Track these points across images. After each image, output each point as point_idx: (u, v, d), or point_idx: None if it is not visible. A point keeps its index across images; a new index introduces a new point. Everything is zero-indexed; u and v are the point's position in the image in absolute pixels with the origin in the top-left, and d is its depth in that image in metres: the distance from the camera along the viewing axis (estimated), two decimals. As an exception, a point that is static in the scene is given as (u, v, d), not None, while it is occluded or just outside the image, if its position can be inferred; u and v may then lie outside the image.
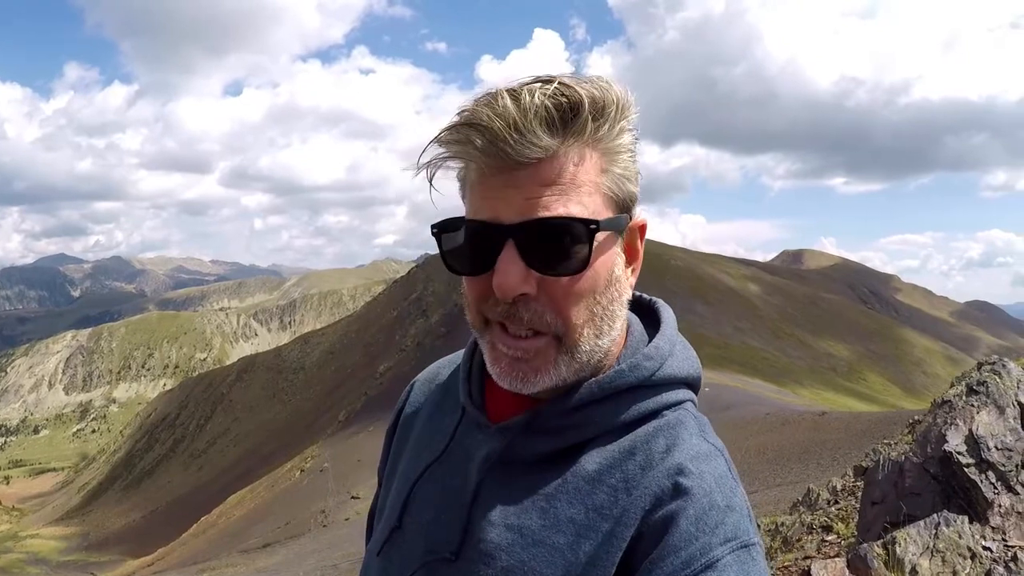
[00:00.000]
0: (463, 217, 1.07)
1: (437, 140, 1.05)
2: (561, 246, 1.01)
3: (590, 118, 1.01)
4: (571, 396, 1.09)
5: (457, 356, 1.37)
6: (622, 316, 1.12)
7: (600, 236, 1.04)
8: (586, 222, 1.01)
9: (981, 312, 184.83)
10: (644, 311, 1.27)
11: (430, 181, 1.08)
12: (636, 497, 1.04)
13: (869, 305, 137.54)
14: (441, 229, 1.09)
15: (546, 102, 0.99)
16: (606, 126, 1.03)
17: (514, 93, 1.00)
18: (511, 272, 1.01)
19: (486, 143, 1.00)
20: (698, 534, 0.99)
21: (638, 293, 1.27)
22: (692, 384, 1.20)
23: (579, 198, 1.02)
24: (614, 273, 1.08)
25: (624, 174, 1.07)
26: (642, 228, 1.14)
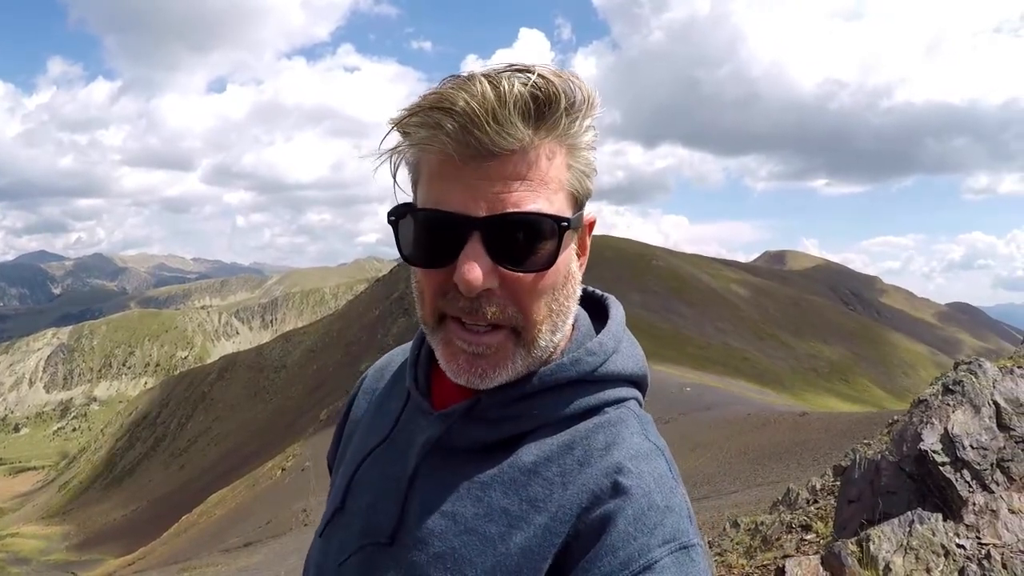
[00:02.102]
0: (428, 208, 1.02)
1: (402, 125, 1.01)
2: (530, 243, 0.99)
3: (564, 113, 0.99)
4: (512, 387, 1.08)
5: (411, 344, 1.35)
6: (574, 311, 1.12)
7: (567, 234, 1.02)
8: (557, 220, 1.00)
9: (963, 314, 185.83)
10: (593, 306, 1.26)
11: (394, 174, 1.07)
12: (572, 493, 1.03)
13: (851, 307, 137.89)
14: (399, 216, 1.06)
15: (525, 92, 0.96)
16: (576, 122, 1.01)
17: (492, 79, 0.96)
18: (477, 267, 0.98)
19: (458, 129, 0.96)
20: (636, 534, 0.97)
21: (590, 288, 1.25)
22: (637, 382, 1.18)
23: (548, 194, 1.00)
24: (571, 269, 1.08)
25: (585, 171, 1.05)
26: (591, 224, 1.13)
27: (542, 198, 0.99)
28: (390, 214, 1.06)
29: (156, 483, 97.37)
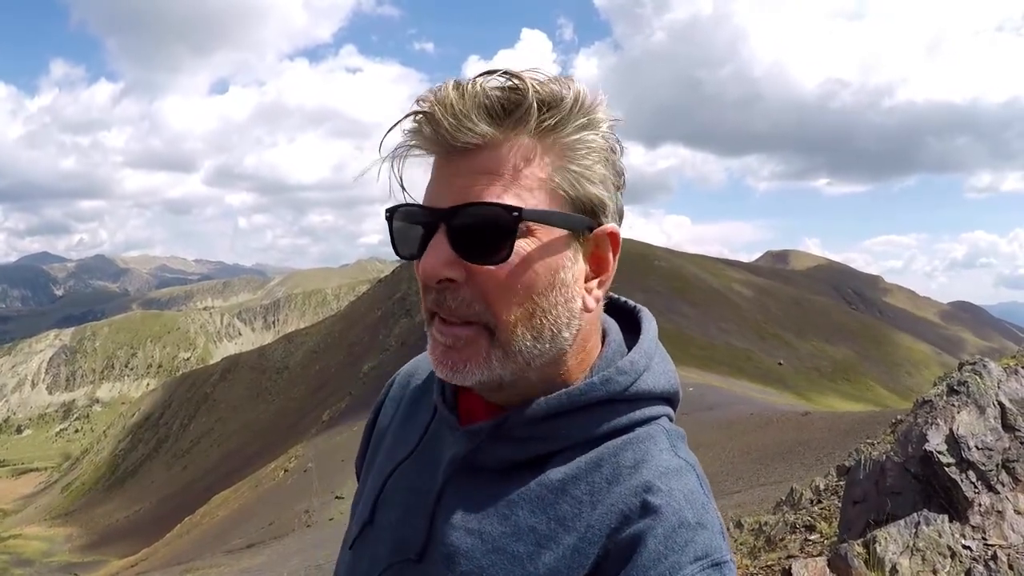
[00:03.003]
0: (405, 203, 1.06)
1: (402, 129, 1.04)
2: (484, 233, 0.99)
3: (536, 109, 0.98)
4: (539, 405, 1.06)
5: None
6: (578, 325, 1.07)
7: (537, 229, 1.00)
8: (509, 209, 0.98)
9: (965, 313, 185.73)
10: (626, 318, 1.23)
11: (400, 180, 1.07)
12: (601, 513, 1.01)
13: (853, 306, 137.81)
14: (392, 213, 1.07)
15: (487, 89, 0.98)
16: (560, 121, 1.00)
17: (458, 81, 1.00)
18: (433, 255, 1.00)
19: (430, 129, 1.00)
20: (667, 553, 0.95)
21: (621, 299, 1.25)
22: (669, 399, 1.16)
23: (518, 191, 0.99)
24: (559, 276, 1.03)
25: (583, 174, 1.03)
26: (612, 236, 1.07)
27: (510, 193, 0.99)
28: (386, 211, 1.08)
29: (159, 484, 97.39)
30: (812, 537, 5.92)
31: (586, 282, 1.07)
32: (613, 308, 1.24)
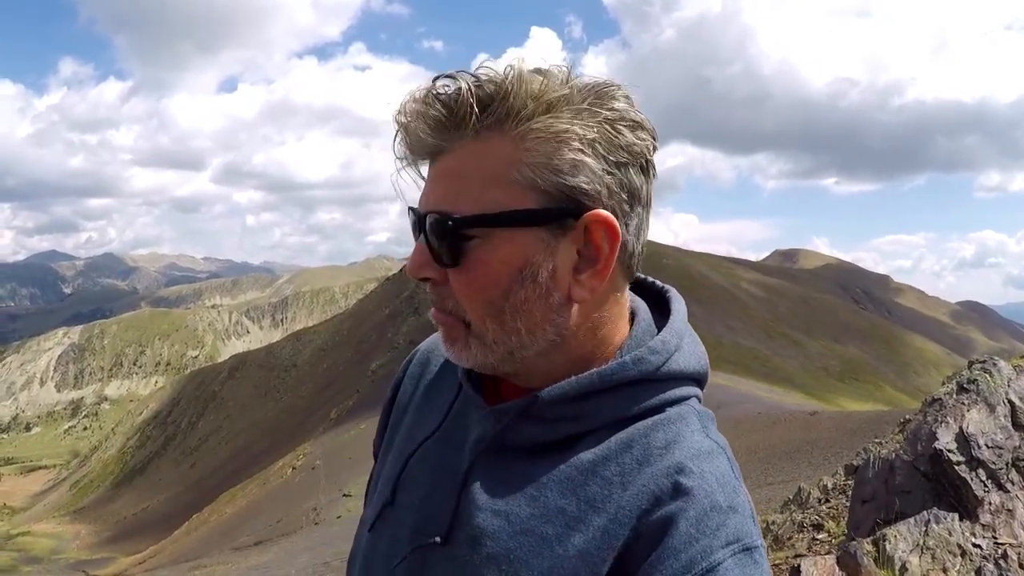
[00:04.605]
0: (410, 206, 1.08)
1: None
2: (437, 238, 1.00)
3: (475, 108, 0.97)
4: (569, 385, 1.03)
5: None
6: (565, 317, 1.04)
7: (493, 232, 1.00)
8: (445, 216, 0.99)
9: (974, 312, 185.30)
10: (654, 298, 1.21)
11: (395, 184, 1.09)
12: (632, 494, 0.99)
13: (861, 305, 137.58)
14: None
15: (433, 96, 0.99)
16: (508, 114, 0.98)
17: (415, 90, 1.01)
18: (415, 255, 1.03)
19: (402, 138, 1.03)
20: (699, 536, 0.94)
21: (649, 279, 1.23)
22: (699, 379, 1.15)
23: (477, 193, 0.99)
24: (527, 273, 1.01)
25: (548, 164, 0.98)
26: (603, 223, 1.00)
27: (466, 193, 0.99)
28: (409, 209, 1.09)
29: (167, 482, 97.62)
30: (820, 536, 5.91)
31: (578, 273, 1.03)
32: (641, 288, 1.21)
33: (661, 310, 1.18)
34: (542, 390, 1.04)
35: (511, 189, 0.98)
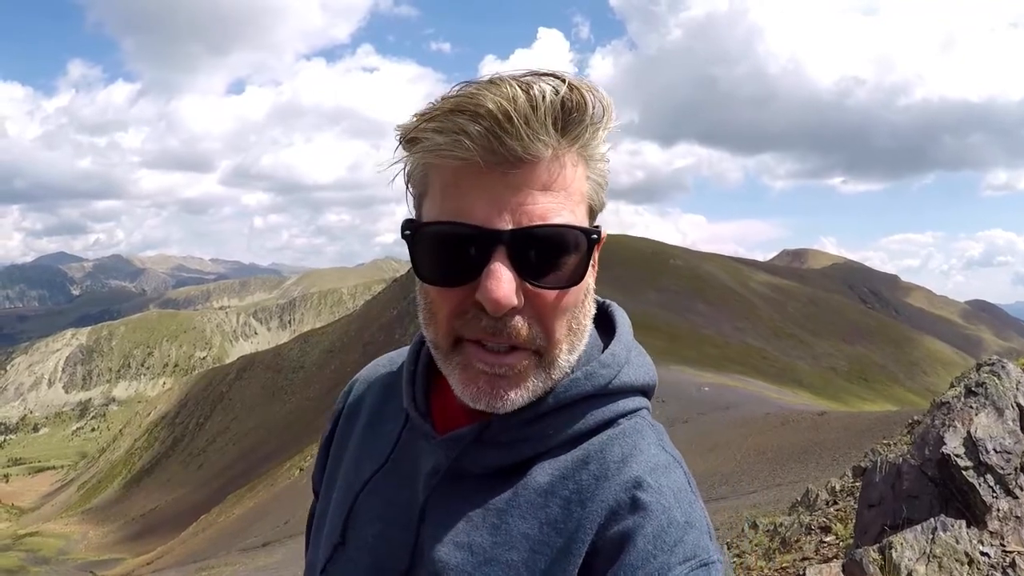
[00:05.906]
0: (447, 220, 0.94)
1: (418, 131, 0.95)
2: (557, 258, 0.94)
3: (589, 122, 0.94)
4: (526, 408, 1.00)
5: (398, 355, 1.28)
6: (589, 329, 1.05)
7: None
8: (587, 232, 0.95)
9: (983, 312, 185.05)
10: (598, 313, 1.15)
11: (407, 182, 1.03)
12: (590, 510, 0.98)
13: (869, 305, 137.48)
14: (415, 231, 0.98)
15: (557, 99, 0.91)
16: (597, 132, 0.96)
17: (521, 82, 0.91)
18: (505, 284, 0.91)
19: (485, 133, 0.89)
20: (656, 552, 0.93)
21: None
22: (647, 392, 1.13)
23: (572, 206, 0.95)
24: (590, 285, 1.02)
25: (602, 183, 1.01)
26: (602, 240, 1.02)
27: (567, 210, 0.94)
28: (404, 228, 0.99)
29: (175, 483, 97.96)
30: (827, 539, 5.87)
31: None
32: None
33: (603, 326, 1.16)
34: (495, 416, 1.01)
35: (585, 205, 0.98)
